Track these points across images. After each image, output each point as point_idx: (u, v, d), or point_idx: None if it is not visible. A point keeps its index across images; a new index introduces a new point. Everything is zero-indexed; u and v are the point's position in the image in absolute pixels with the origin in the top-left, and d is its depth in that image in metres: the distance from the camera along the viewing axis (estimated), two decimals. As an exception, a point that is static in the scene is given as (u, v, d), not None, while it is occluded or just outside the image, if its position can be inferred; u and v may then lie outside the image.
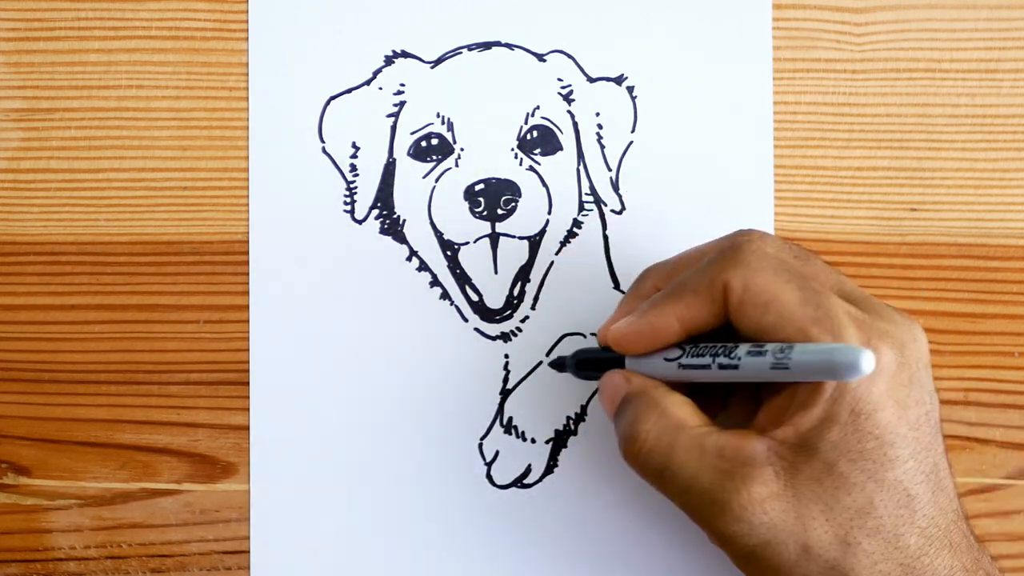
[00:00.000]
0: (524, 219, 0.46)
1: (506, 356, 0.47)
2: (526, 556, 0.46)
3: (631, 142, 0.47)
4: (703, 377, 0.38)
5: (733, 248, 0.38)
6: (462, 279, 0.47)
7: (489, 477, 0.47)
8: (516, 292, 0.47)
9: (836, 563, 0.36)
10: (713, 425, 0.38)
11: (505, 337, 0.47)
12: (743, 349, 0.37)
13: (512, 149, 0.47)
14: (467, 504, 0.46)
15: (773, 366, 0.35)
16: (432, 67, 0.47)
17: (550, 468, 0.47)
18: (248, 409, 0.47)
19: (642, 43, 0.47)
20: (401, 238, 0.47)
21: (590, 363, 0.42)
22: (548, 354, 0.47)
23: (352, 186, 0.47)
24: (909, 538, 0.36)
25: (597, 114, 0.47)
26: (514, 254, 0.47)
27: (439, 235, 0.47)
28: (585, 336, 0.47)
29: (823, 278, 0.38)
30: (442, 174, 0.47)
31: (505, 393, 0.47)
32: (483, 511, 0.46)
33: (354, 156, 0.47)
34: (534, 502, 0.47)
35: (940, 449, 0.37)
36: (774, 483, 0.36)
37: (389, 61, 0.47)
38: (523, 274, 0.47)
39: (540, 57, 0.47)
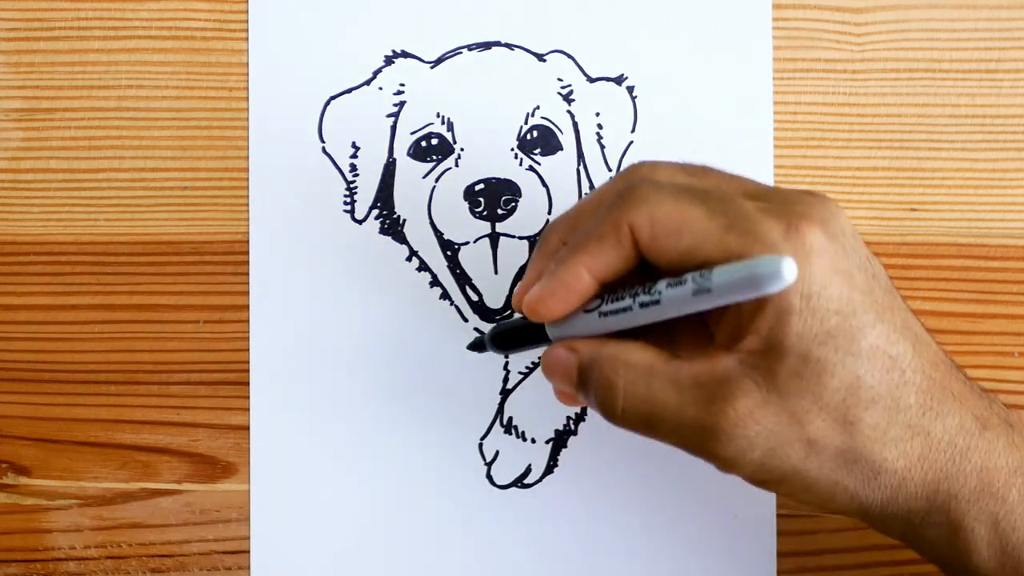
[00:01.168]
0: (524, 219, 0.46)
1: (506, 356, 0.47)
2: (526, 556, 0.46)
3: (631, 142, 0.47)
4: (628, 322, 0.37)
5: (628, 188, 0.37)
6: (462, 279, 0.47)
7: (489, 477, 0.47)
8: (516, 292, 0.47)
9: (845, 446, 0.35)
10: (679, 359, 0.37)
11: (505, 337, 0.47)
12: (662, 283, 0.36)
13: (512, 149, 0.47)
14: (467, 504, 0.46)
15: (695, 292, 0.34)
16: (432, 67, 0.47)
17: (550, 468, 0.47)
18: (248, 409, 0.47)
19: (642, 43, 0.47)
20: (401, 238, 0.47)
21: (509, 335, 0.41)
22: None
23: (352, 186, 0.47)
24: (908, 398, 0.35)
25: (597, 114, 0.47)
26: (514, 254, 0.47)
27: (439, 235, 0.47)
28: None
29: (724, 186, 0.37)
30: (442, 174, 0.47)
31: (505, 393, 0.47)
32: (483, 511, 0.46)
33: (354, 156, 0.47)
34: (534, 502, 0.47)
35: (902, 306, 0.37)
36: (757, 392, 0.35)
37: (389, 61, 0.47)
38: (523, 274, 0.47)
39: (540, 57, 0.47)
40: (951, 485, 0.36)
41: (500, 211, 0.46)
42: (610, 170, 0.47)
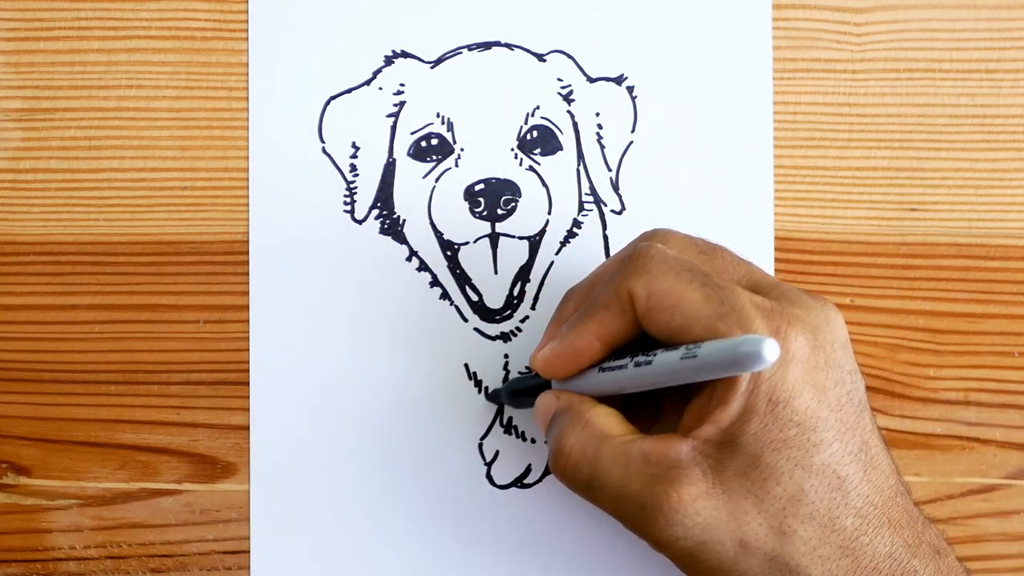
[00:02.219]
0: (524, 219, 0.46)
1: (506, 356, 0.47)
2: (526, 556, 0.46)
3: (631, 142, 0.47)
4: (623, 380, 0.38)
5: (633, 256, 0.38)
6: (462, 279, 0.47)
7: (489, 477, 0.47)
8: (516, 292, 0.47)
9: (775, 554, 0.36)
10: (638, 434, 0.38)
11: (505, 337, 0.47)
12: (659, 350, 0.37)
13: (512, 149, 0.47)
14: (467, 504, 0.46)
15: (683, 357, 0.35)
16: (432, 67, 0.47)
17: (550, 468, 0.47)
18: (248, 409, 0.47)
19: (642, 43, 0.47)
20: (401, 238, 0.47)
21: (522, 392, 0.43)
22: None
23: (352, 186, 0.47)
24: (845, 520, 0.36)
25: (597, 114, 0.47)
26: (514, 254, 0.47)
27: (439, 235, 0.47)
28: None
29: (730, 271, 0.38)
30: (442, 174, 0.47)
31: (505, 393, 0.47)
32: (483, 511, 0.47)
33: (354, 156, 0.47)
34: (534, 502, 0.47)
35: (868, 427, 0.37)
36: (702, 482, 0.36)
37: (389, 61, 0.47)
38: (523, 274, 0.47)
39: (540, 57, 0.47)
40: None
41: (500, 211, 0.46)
42: (610, 170, 0.47)
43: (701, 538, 0.36)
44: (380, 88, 0.47)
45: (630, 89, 0.47)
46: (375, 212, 0.47)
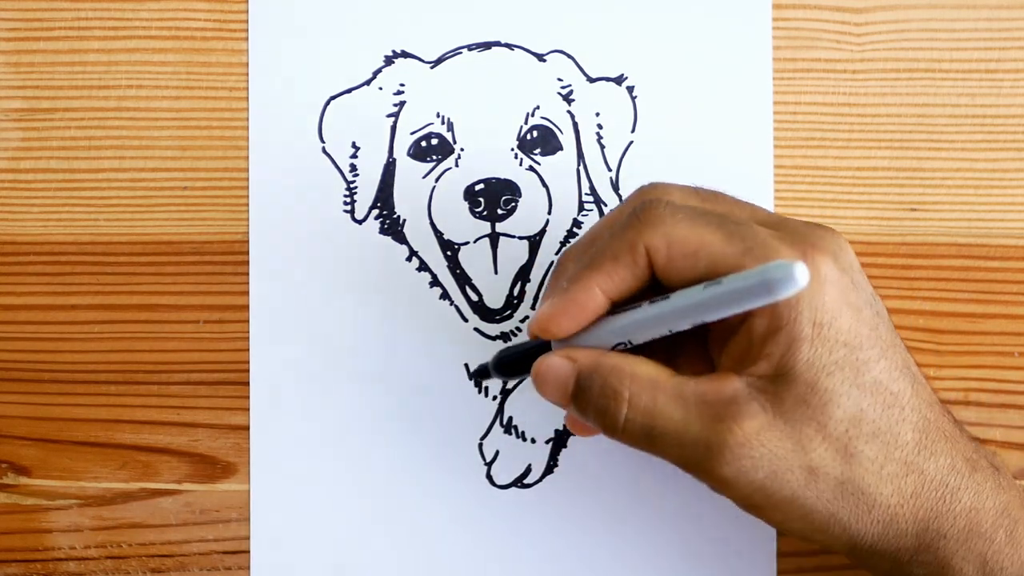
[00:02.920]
0: (524, 219, 0.46)
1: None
2: (526, 556, 0.46)
3: (631, 142, 0.47)
4: (638, 326, 0.37)
5: (644, 208, 0.37)
6: (462, 279, 0.47)
7: (489, 477, 0.47)
8: (516, 292, 0.47)
9: (844, 476, 0.36)
10: (683, 376, 0.37)
11: (505, 337, 0.47)
12: (674, 293, 0.36)
13: (512, 149, 0.47)
14: (467, 504, 0.46)
15: (707, 287, 0.35)
16: (432, 67, 0.47)
17: (550, 468, 0.47)
18: (248, 409, 0.47)
19: (642, 43, 0.47)
20: (401, 238, 0.47)
21: (514, 359, 0.40)
22: None
23: (352, 186, 0.47)
24: (906, 435, 0.36)
25: (597, 114, 0.47)
26: (514, 254, 0.47)
27: (439, 235, 0.47)
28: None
29: (737, 212, 0.38)
30: (442, 174, 0.47)
31: (505, 393, 0.47)
32: (483, 511, 0.46)
33: (354, 156, 0.47)
34: (534, 502, 0.47)
35: (903, 347, 0.38)
36: (763, 415, 0.35)
37: (389, 61, 0.47)
38: (523, 274, 0.47)
39: (540, 57, 0.47)
40: (941, 524, 0.37)
41: (500, 211, 0.46)
42: (610, 170, 0.47)
43: (770, 469, 0.36)
44: (380, 88, 0.47)
45: (630, 89, 0.47)
46: (375, 212, 0.47)
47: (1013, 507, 0.37)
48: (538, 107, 0.47)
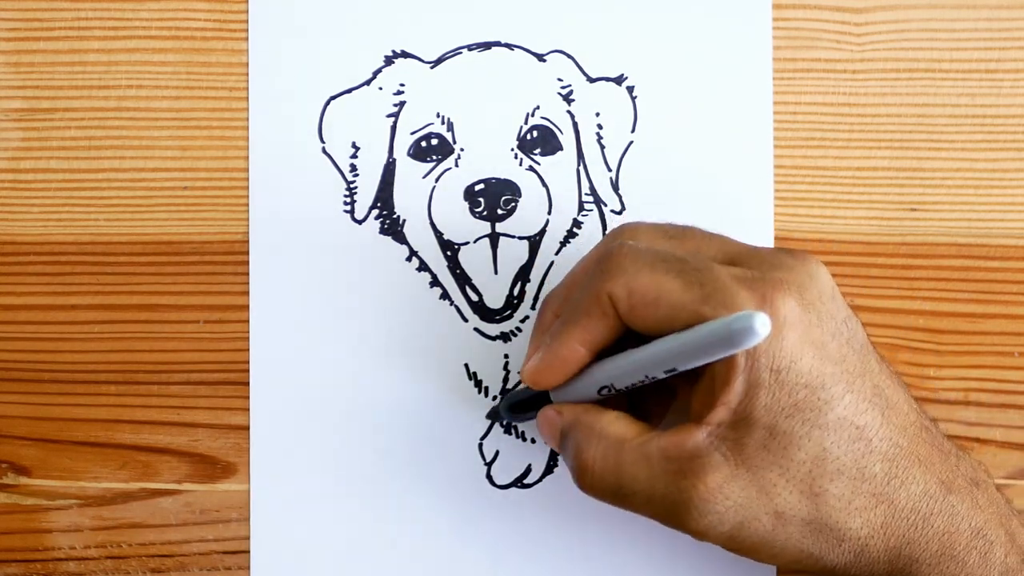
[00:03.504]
0: (524, 219, 0.46)
1: (506, 356, 0.47)
2: (526, 556, 0.46)
3: (631, 142, 0.47)
4: (618, 375, 0.38)
5: (606, 258, 0.38)
6: (462, 279, 0.47)
7: (489, 477, 0.47)
8: (516, 292, 0.47)
9: (811, 516, 0.36)
10: (652, 431, 0.38)
11: (505, 337, 0.47)
12: (650, 344, 0.37)
13: (512, 149, 0.47)
14: (467, 504, 0.46)
15: (675, 348, 0.36)
16: (432, 67, 0.47)
17: (550, 468, 0.47)
18: (248, 409, 0.47)
19: (642, 43, 0.47)
20: (401, 238, 0.47)
21: (520, 406, 0.43)
22: None
23: (352, 186, 0.47)
24: (873, 467, 0.36)
25: (597, 114, 0.47)
26: (514, 254, 0.47)
27: (439, 235, 0.47)
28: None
29: (704, 249, 0.38)
30: (442, 174, 0.47)
31: (505, 393, 0.47)
32: (483, 511, 0.46)
33: (354, 156, 0.47)
34: (534, 502, 0.47)
35: (876, 370, 0.37)
36: (725, 466, 0.36)
37: (389, 61, 0.47)
38: (523, 274, 0.47)
39: (540, 57, 0.47)
40: (912, 550, 0.37)
41: (500, 211, 0.46)
42: (610, 170, 0.47)
43: (736, 519, 0.36)
44: (380, 88, 0.47)
45: (630, 89, 0.47)
46: (375, 212, 0.47)
47: (990, 526, 0.37)
48: (538, 107, 0.47)
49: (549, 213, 0.47)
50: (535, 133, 0.47)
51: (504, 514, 0.47)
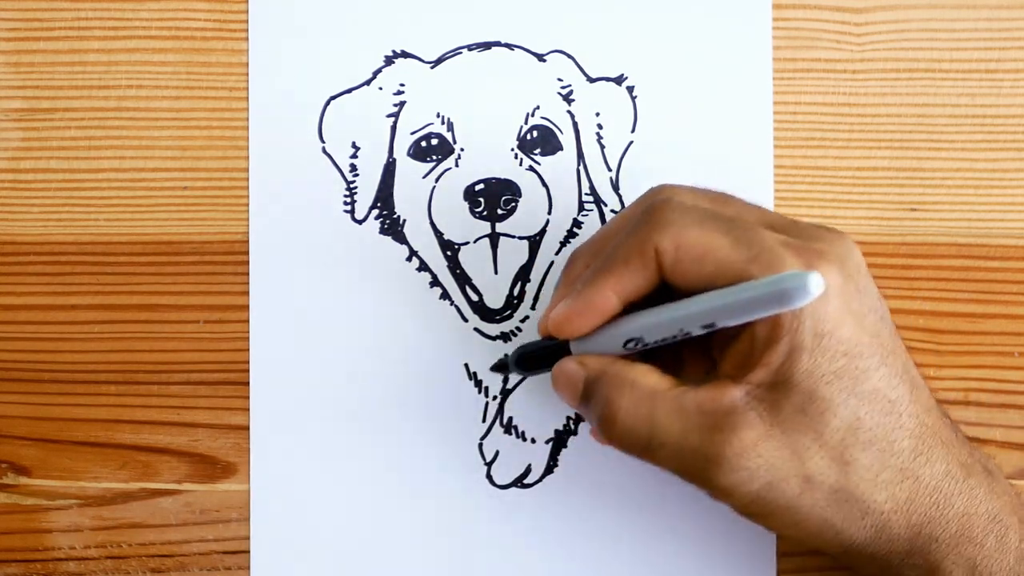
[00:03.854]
0: (524, 219, 0.46)
1: (506, 356, 0.47)
2: (526, 556, 0.46)
3: (631, 142, 0.47)
4: (651, 328, 0.37)
5: (653, 210, 0.37)
6: (462, 279, 0.47)
7: (489, 477, 0.47)
8: (516, 292, 0.47)
9: (839, 485, 0.36)
10: (685, 385, 0.38)
11: (505, 337, 0.47)
12: (689, 298, 0.37)
13: (512, 149, 0.47)
14: (467, 504, 0.46)
15: (721, 292, 0.35)
16: (432, 67, 0.47)
17: (550, 468, 0.47)
18: (248, 409, 0.47)
19: (642, 43, 0.47)
20: (401, 238, 0.47)
21: (532, 356, 0.42)
22: None
23: (352, 186, 0.47)
24: (902, 441, 0.36)
25: (597, 114, 0.47)
26: (514, 254, 0.47)
27: (439, 235, 0.47)
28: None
29: (747, 215, 0.38)
30: (442, 174, 0.47)
31: (505, 393, 0.47)
32: (483, 511, 0.46)
33: (354, 156, 0.47)
34: (534, 502, 0.47)
35: (903, 350, 0.38)
36: (760, 425, 0.36)
37: (389, 61, 0.47)
38: (523, 274, 0.47)
39: (540, 57, 0.47)
40: (933, 529, 0.37)
41: (500, 211, 0.46)
42: (610, 170, 0.47)
43: (766, 479, 0.36)
44: (380, 88, 0.47)
45: (630, 89, 0.47)
46: (375, 212, 0.47)
47: (1004, 513, 0.38)
48: (538, 107, 0.47)
49: (549, 213, 0.47)
50: (535, 133, 0.47)
51: (504, 514, 0.47)
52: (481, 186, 0.46)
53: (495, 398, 0.47)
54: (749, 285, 0.35)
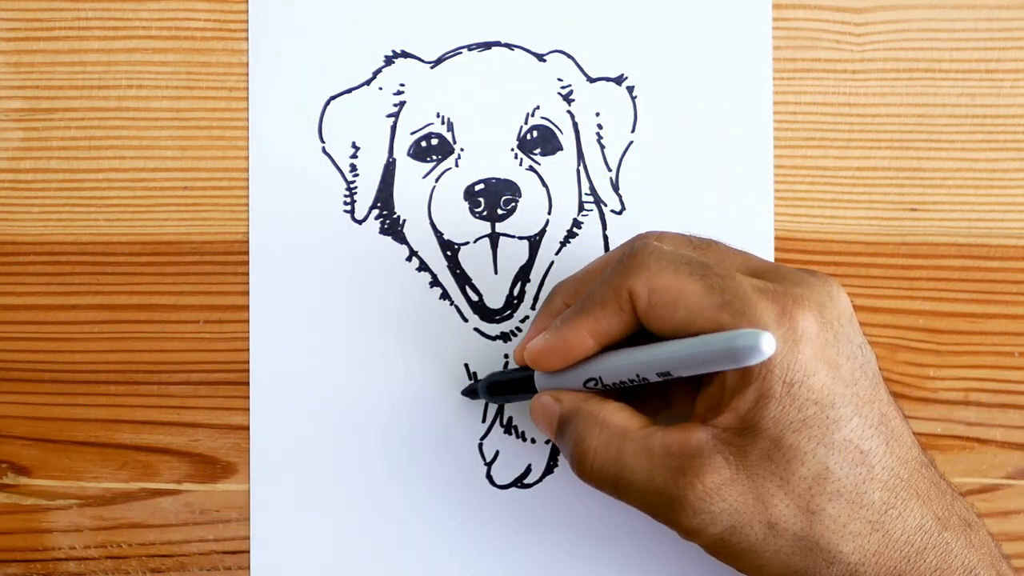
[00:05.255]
0: (524, 219, 0.46)
1: (506, 356, 0.47)
2: (526, 556, 0.46)
3: (631, 142, 0.47)
4: (609, 370, 0.38)
5: (632, 254, 0.38)
6: (462, 279, 0.47)
7: (489, 477, 0.47)
8: (516, 292, 0.47)
9: (804, 533, 0.36)
10: (655, 425, 0.38)
11: (505, 337, 0.47)
12: (657, 343, 0.37)
13: (512, 149, 0.47)
14: (467, 504, 0.46)
15: (678, 354, 0.36)
16: (432, 67, 0.47)
17: (550, 468, 0.47)
18: (248, 409, 0.47)
19: (642, 43, 0.47)
20: (401, 238, 0.47)
21: (501, 385, 0.43)
22: None
23: (352, 186, 0.47)
24: (872, 494, 0.36)
25: (597, 114, 0.47)
26: (514, 254, 0.47)
27: (439, 235, 0.47)
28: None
29: (727, 260, 0.38)
30: (442, 174, 0.47)
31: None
32: (483, 511, 0.47)
33: (354, 156, 0.47)
34: (534, 502, 0.47)
35: (885, 399, 0.37)
36: (726, 469, 0.36)
37: (389, 61, 0.47)
38: (523, 274, 0.47)
39: (540, 57, 0.47)
40: None
41: (500, 211, 0.46)
42: (610, 170, 0.47)
43: (729, 523, 0.36)
44: (380, 88, 0.47)
45: (630, 89, 0.47)
46: (375, 212, 0.47)
47: (981, 567, 0.37)
48: (538, 107, 0.47)
49: (549, 213, 0.47)
50: (535, 133, 0.47)
51: (504, 514, 0.47)
52: (481, 186, 0.46)
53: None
54: (703, 340, 0.35)
